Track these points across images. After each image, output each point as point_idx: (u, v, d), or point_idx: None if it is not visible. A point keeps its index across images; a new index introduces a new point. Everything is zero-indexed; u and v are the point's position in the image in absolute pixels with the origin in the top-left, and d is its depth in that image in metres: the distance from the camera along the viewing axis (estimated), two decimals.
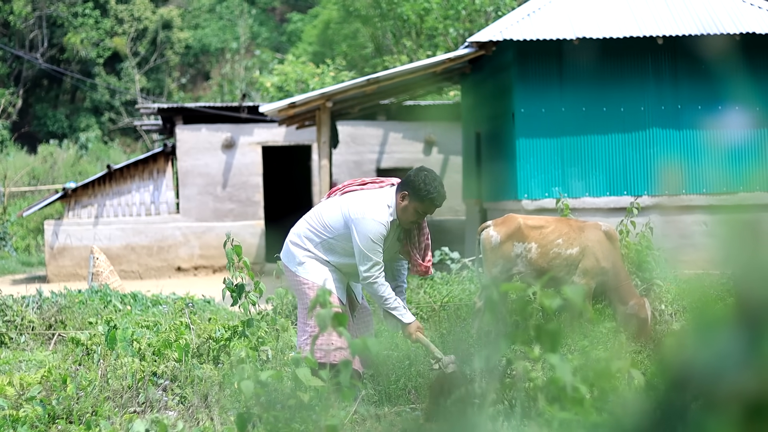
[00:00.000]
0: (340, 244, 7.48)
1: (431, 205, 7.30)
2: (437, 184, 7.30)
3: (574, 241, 10.47)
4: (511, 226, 10.71)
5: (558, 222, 10.80)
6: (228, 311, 13.55)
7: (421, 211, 7.32)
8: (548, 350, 3.80)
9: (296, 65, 34.42)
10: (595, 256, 10.37)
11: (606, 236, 10.55)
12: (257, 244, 24.94)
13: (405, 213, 7.34)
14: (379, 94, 21.16)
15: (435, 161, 25.98)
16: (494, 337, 3.91)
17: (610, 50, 17.13)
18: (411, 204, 7.30)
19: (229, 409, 7.37)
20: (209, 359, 8.99)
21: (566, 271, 10.45)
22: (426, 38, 32.62)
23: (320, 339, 7.12)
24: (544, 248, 10.53)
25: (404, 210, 7.33)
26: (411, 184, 7.31)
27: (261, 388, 5.85)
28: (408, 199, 7.30)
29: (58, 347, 11.50)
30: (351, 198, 7.49)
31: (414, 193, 7.28)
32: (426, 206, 7.29)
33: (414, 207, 7.30)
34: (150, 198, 24.91)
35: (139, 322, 11.02)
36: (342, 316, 4.72)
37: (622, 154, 17.21)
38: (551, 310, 3.84)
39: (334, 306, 4.75)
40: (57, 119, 49.08)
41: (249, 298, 8.51)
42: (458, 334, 9.63)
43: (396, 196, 7.39)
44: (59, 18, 48.23)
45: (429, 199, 7.26)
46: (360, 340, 4.76)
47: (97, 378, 8.24)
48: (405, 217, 7.35)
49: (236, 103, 26.42)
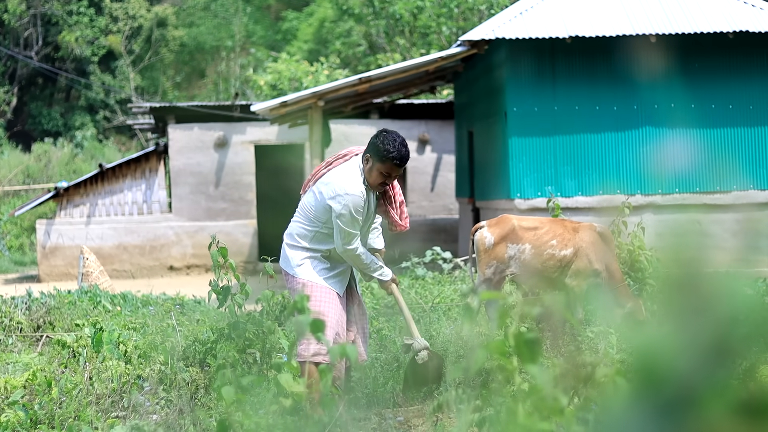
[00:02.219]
0: (333, 232, 7.43)
1: (392, 165, 7.28)
2: (397, 144, 7.30)
3: (568, 242, 10.40)
4: (505, 227, 10.65)
5: (552, 223, 10.73)
6: (219, 312, 13.45)
7: (384, 172, 7.30)
8: (527, 360, 3.72)
9: (290, 63, 34.30)
10: (588, 258, 10.30)
11: (600, 237, 10.49)
12: (250, 243, 24.87)
13: (371, 176, 7.33)
14: (372, 93, 21.09)
15: (428, 160, 25.91)
16: (473, 347, 3.83)
17: (603, 49, 17.05)
18: (374, 166, 7.30)
19: (212, 414, 7.29)
20: (195, 362, 8.90)
21: (560, 272, 10.39)
22: (419, 36, 32.54)
23: (302, 344, 7.06)
24: (538, 249, 10.46)
25: (370, 173, 7.33)
26: (371, 147, 7.34)
27: (242, 393, 5.78)
28: (371, 161, 7.32)
29: (46, 349, 11.40)
30: (323, 182, 7.48)
31: (375, 155, 7.29)
32: (388, 167, 7.28)
33: (377, 169, 7.29)
34: (142, 197, 24.83)
35: (126, 324, 10.94)
36: (319, 322, 4.64)
37: (615, 153, 17.14)
38: (532, 317, 3.77)
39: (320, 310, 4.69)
40: (52, 117, 48.93)
41: (235, 300, 8.42)
42: (448, 336, 9.55)
43: (362, 162, 7.41)
44: (54, 16, 48.08)
45: (389, 159, 7.25)
46: (339, 347, 4.68)
47: (82, 381, 8.15)
48: (372, 180, 7.34)
49: (229, 102, 26.32)
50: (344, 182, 7.32)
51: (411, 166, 25.81)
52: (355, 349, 4.77)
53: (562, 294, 11.30)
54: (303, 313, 4.76)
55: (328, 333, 7.10)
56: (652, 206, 17.11)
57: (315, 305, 7.20)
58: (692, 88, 17.17)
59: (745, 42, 17.07)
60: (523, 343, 3.70)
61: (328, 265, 7.53)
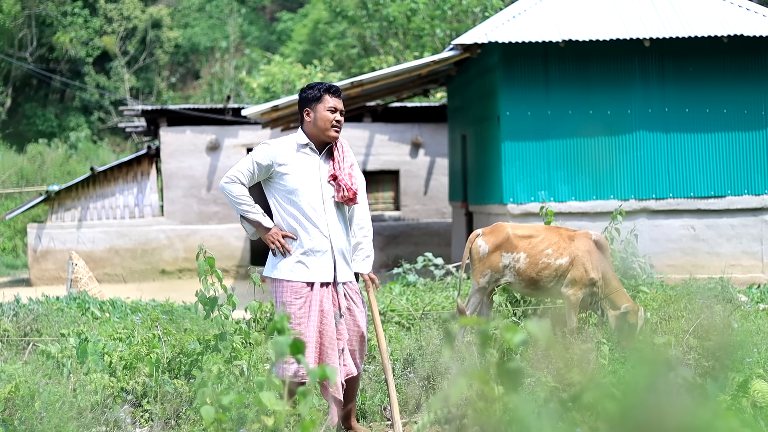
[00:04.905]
0: (291, 206, 7.34)
1: (328, 96, 7.37)
2: (318, 82, 7.58)
3: (563, 250, 10.30)
4: (500, 235, 10.54)
5: (547, 231, 10.63)
6: (208, 320, 13.32)
7: (330, 107, 7.36)
8: (509, 389, 3.60)
9: (283, 66, 34.19)
10: (584, 267, 10.19)
11: (596, 245, 10.38)
12: (242, 247, 24.77)
13: (321, 122, 7.35)
14: (365, 96, 20.98)
15: (422, 163, 25.80)
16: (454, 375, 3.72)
17: (596, 53, 16.95)
18: (316, 110, 7.37)
19: (196, 429, 7.17)
20: (181, 374, 8.77)
21: (556, 281, 10.28)
22: (413, 38, 32.44)
23: (283, 363, 6.92)
24: (533, 258, 10.35)
25: (317, 121, 7.36)
26: (302, 101, 7.47)
27: (223, 413, 5.66)
28: (310, 108, 7.39)
29: (33, 357, 11.27)
30: None
31: (309, 101, 7.39)
32: (325, 100, 7.36)
33: (319, 111, 7.35)
34: (134, 201, 24.72)
35: (111, 334, 10.81)
36: (299, 343, 4.52)
37: (609, 158, 17.03)
38: (514, 344, 3.65)
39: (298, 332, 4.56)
40: (46, 118, 48.84)
41: (222, 311, 8.31)
42: (438, 346, 9.42)
43: (303, 122, 7.46)
44: (48, 17, 47.99)
45: (322, 92, 7.37)
46: (320, 368, 4.56)
47: (65, 394, 8.02)
48: (324, 125, 7.36)
49: (221, 105, 26.20)
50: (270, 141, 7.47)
51: (404, 170, 25.72)
52: (335, 370, 4.64)
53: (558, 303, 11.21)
54: (282, 333, 4.64)
55: (308, 354, 6.95)
56: (645, 211, 17.01)
57: (293, 324, 7.09)
58: (686, 92, 17.07)
59: (740, 46, 16.97)
60: (505, 372, 3.58)
61: (303, 251, 7.29)
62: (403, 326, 11.84)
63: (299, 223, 7.28)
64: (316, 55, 44.55)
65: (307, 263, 7.25)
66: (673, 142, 17.04)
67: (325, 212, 7.30)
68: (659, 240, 17.12)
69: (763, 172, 17.08)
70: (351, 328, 7.39)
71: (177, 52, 53.01)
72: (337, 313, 7.28)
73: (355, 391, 7.52)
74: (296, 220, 7.29)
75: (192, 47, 53.49)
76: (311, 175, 7.32)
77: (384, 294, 13.77)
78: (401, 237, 25.34)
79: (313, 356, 7.07)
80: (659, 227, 17.13)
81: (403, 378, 8.80)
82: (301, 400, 4.62)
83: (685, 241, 17.17)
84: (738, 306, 12.55)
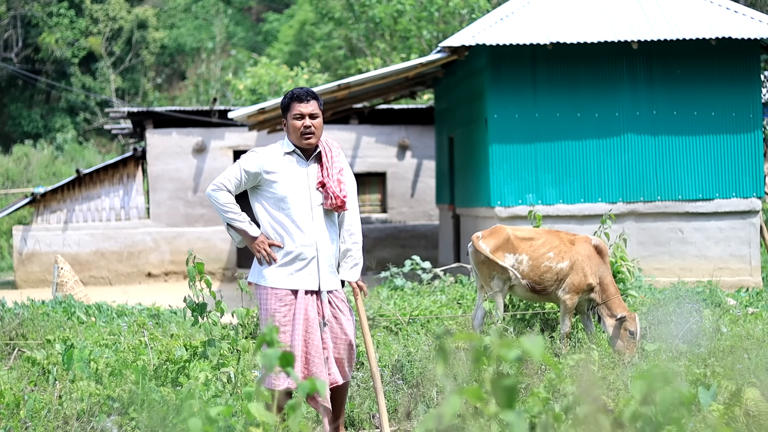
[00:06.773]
0: (279, 212, 7.27)
1: (297, 103, 7.37)
2: (291, 90, 7.55)
3: (564, 255, 10.28)
4: (500, 237, 10.50)
5: (548, 234, 10.60)
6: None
7: (297, 113, 7.35)
8: (504, 406, 3.54)
9: (269, 67, 34.08)
10: (583, 272, 10.17)
11: (596, 250, 10.36)
12: (228, 250, 24.69)
13: (294, 129, 7.37)
14: (351, 99, 20.92)
15: (409, 165, 25.75)
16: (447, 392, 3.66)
17: (584, 55, 16.92)
18: (288, 119, 7.41)
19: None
20: (168, 381, 8.69)
21: (556, 286, 10.26)
22: (399, 40, 32.37)
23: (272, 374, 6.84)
24: (535, 261, 10.33)
25: (292, 128, 7.39)
26: (281, 109, 7.54)
27: (210, 425, 5.59)
28: (285, 118, 7.46)
29: (18, 363, 11.18)
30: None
31: (283, 110, 7.47)
32: (294, 108, 7.37)
33: (290, 119, 7.39)
34: (120, 203, 24.61)
35: (97, 340, 10.72)
36: (289, 356, 4.46)
37: (597, 161, 17.01)
38: (509, 360, 3.59)
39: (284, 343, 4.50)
40: (32, 119, 48.64)
41: (210, 317, 8.22)
42: (426, 352, 9.36)
43: (285, 131, 7.54)
44: (34, 17, 47.80)
45: (289, 100, 7.42)
46: (309, 381, 4.49)
47: (51, 401, 7.94)
48: (294, 131, 7.38)
49: (207, 107, 26.10)
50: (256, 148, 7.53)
51: (391, 172, 25.66)
52: (324, 383, 4.58)
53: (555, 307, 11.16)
54: (272, 345, 4.58)
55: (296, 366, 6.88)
56: (633, 214, 16.99)
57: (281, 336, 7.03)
58: (674, 94, 17.06)
59: (728, 48, 16.96)
60: (501, 388, 3.52)
61: (289, 259, 7.23)
62: (391, 330, 11.79)
63: (286, 230, 7.21)
64: (302, 56, 44.45)
65: (292, 271, 7.18)
66: (661, 145, 17.02)
67: (312, 219, 7.22)
68: (647, 243, 17.10)
69: (751, 175, 17.07)
70: (339, 336, 7.30)
71: (163, 52, 52.85)
72: (321, 322, 7.20)
73: (343, 400, 7.44)
74: (283, 227, 7.22)
75: (178, 48, 53.34)
76: (299, 183, 7.26)
77: (372, 298, 13.70)
78: (388, 239, 25.28)
79: (300, 365, 6.99)
80: (647, 230, 17.11)
81: (392, 385, 8.73)
82: (291, 413, 4.55)
83: (673, 244, 17.15)
84: (727, 310, 12.55)
